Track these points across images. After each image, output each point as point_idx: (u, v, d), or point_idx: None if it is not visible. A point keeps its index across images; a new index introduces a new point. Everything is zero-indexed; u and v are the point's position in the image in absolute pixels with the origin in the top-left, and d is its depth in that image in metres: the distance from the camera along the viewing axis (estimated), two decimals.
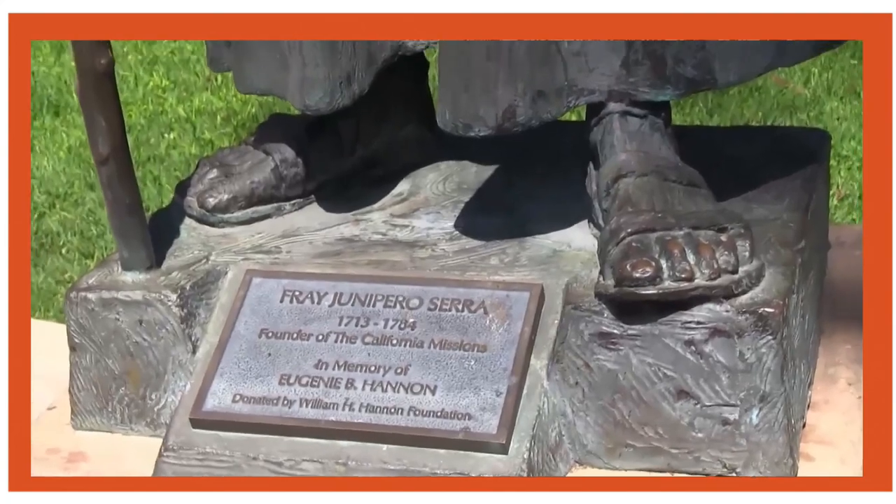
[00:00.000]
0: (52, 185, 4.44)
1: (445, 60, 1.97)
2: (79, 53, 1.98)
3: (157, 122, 4.82)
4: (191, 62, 5.22)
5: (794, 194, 2.12)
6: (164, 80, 5.18)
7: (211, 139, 4.66)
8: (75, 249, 4.07)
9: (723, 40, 1.95)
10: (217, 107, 4.84)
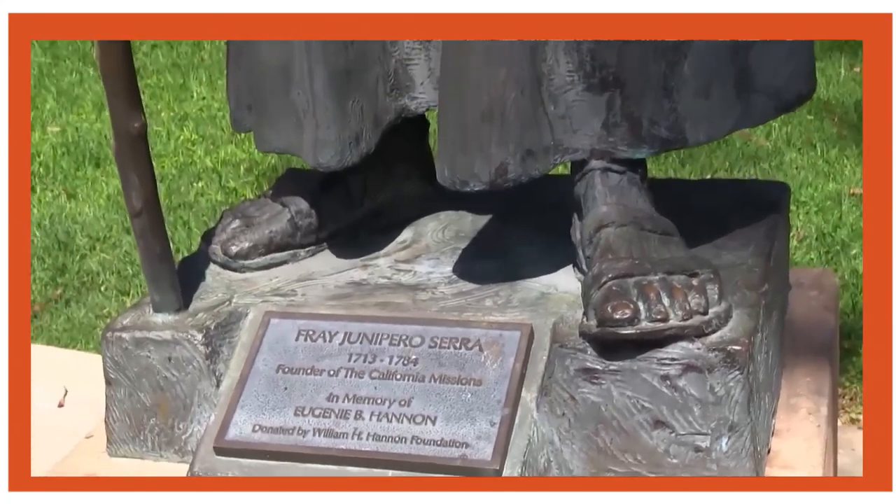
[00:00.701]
0: (93, 229, 4.44)
1: (444, 122, 1.97)
2: (115, 117, 1.97)
3: (187, 172, 4.82)
4: (217, 118, 5.23)
5: (757, 242, 2.11)
6: (193, 134, 5.19)
7: (235, 187, 4.67)
8: (113, 287, 4.07)
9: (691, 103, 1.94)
10: (240, 158, 4.84)
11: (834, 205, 4.29)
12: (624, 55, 1.90)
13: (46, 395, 3.46)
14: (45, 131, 5.34)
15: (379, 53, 2.05)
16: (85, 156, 5.04)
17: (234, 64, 2.22)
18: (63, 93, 5.75)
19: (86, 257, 4.28)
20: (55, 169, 4.97)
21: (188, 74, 5.86)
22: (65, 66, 6.06)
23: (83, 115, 5.44)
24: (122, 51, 1.95)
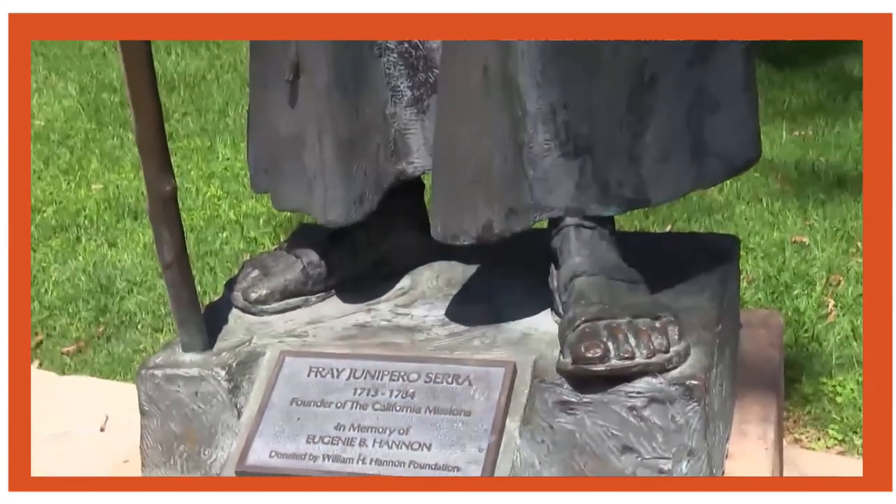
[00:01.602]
0: (131, 274, 4.43)
1: (437, 184, 1.97)
2: (148, 181, 1.96)
3: (213, 224, 4.82)
4: (240, 176, 5.23)
5: (712, 288, 2.11)
6: (219, 190, 5.18)
7: (255, 237, 4.66)
8: (148, 326, 4.06)
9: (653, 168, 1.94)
10: (260, 212, 4.84)
11: (778, 251, 4.29)
12: (594, 126, 1.90)
13: (90, 420, 3.45)
14: (89, 188, 5.34)
15: (380, 124, 2.05)
16: (124, 210, 5.04)
17: (253, 133, 2.22)
18: (106, 155, 5.75)
19: (124, 299, 4.27)
20: (98, 221, 4.97)
21: (214, 138, 5.86)
22: (108, 132, 6.06)
23: (123, 174, 5.44)
24: (156, 122, 1.94)
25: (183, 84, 6.77)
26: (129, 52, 1.88)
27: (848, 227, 4.47)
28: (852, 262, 4.20)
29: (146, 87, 1.91)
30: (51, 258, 4.66)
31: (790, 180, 4.93)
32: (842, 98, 5.98)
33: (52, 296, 4.34)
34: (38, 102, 6.65)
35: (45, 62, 7.47)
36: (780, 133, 5.45)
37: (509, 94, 1.88)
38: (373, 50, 2.02)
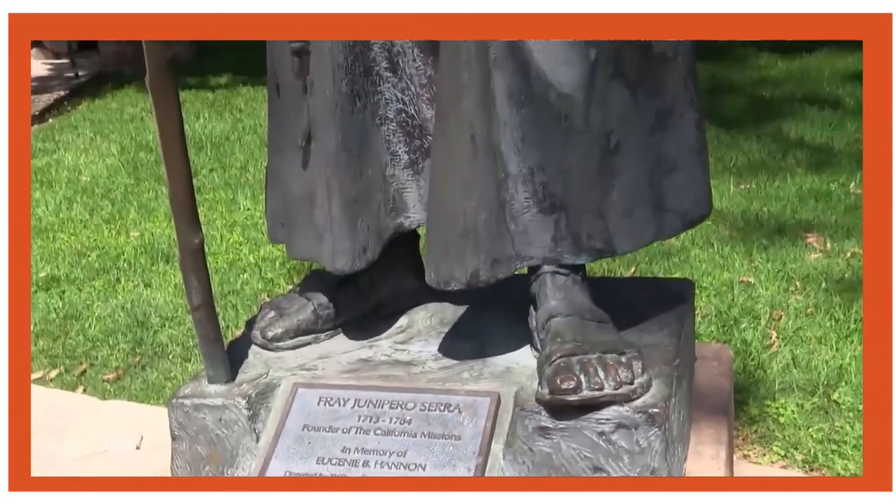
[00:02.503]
0: (163, 311, 4.41)
1: (431, 236, 1.97)
2: (179, 234, 1.95)
3: (235, 267, 4.80)
4: (258, 225, 5.21)
5: (670, 326, 2.11)
6: (240, 237, 5.17)
7: (272, 278, 4.64)
8: (178, 356, 4.03)
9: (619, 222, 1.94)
10: (276, 256, 4.82)
11: (728, 290, 4.29)
12: (568, 186, 1.90)
13: (126, 439, 3.42)
14: (128, 235, 5.33)
15: (381, 184, 2.05)
16: (158, 254, 5.03)
17: (270, 191, 2.22)
18: (142, 206, 5.74)
19: (157, 333, 4.24)
20: (135, 264, 4.95)
21: (236, 191, 5.86)
22: (144, 186, 6.06)
23: (157, 223, 5.43)
24: (186, 183, 1.93)
25: (209, 144, 6.78)
26: (163, 120, 1.88)
27: (787, 269, 4.47)
28: (791, 299, 4.20)
29: (178, 153, 1.90)
30: (94, 297, 4.64)
31: (737, 228, 4.93)
32: (780, 156, 6.01)
33: (94, 329, 4.32)
34: (84, 161, 6.65)
35: (92, 126, 7.48)
36: (728, 187, 5.46)
37: (493, 159, 1.88)
38: (374, 119, 2.03)
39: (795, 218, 5.06)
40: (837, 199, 5.32)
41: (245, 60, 8.58)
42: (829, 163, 5.87)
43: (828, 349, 3.80)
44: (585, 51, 1.85)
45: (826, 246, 4.72)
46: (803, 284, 4.32)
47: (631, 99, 1.93)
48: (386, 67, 2.01)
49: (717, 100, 6.98)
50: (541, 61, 1.84)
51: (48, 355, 4.14)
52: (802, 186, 5.49)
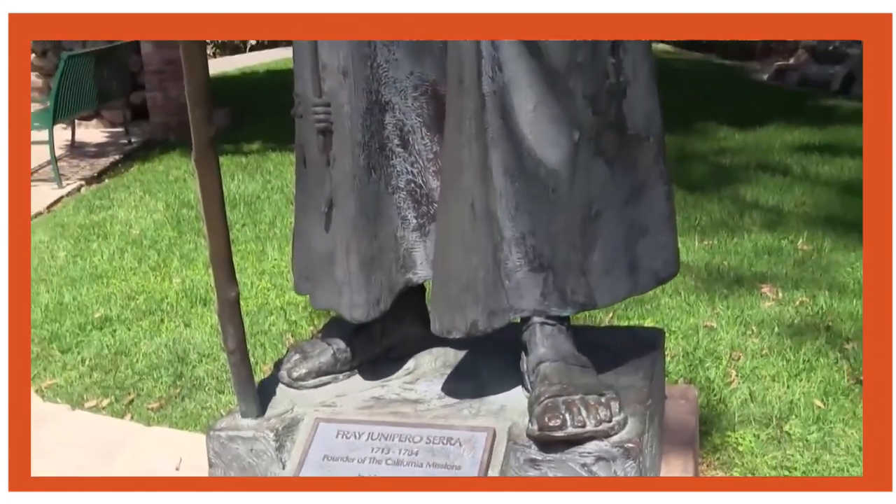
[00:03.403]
0: (201, 348, 4.40)
1: (435, 290, 1.97)
2: (217, 288, 1.95)
3: (264, 310, 4.79)
4: (284, 273, 5.21)
5: (644, 369, 2.11)
6: (268, 283, 5.17)
7: (296, 320, 4.64)
8: (213, 388, 4.02)
9: (599, 280, 1.94)
10: (300, 300, 4.81)
11: (693, 333, 4.28)
12: (554, 249, 1.91)
13: (168, 461, 3.41)
14: (171, 282, 5.33)
15: (392, 244, 2.05)
16: (197, 298, 5.03)
17: (296, 248, 2.22)
18: (184, 256, 5.75)
19: (196, 367, 4.23)
20: (177, 307, 4.95)
21: (265, 243, 5.87)
22: (186, 238, 6.07)
23: (196, 271, 5.43)
24: (224, 243, 1.94)
25: (242, 202, 6.79)
26: (206, 190, 1.89)
27: (745, 315, 4.47)
28: (749, 341, 4.19)
29: (218, 218, 1.91)
30: (141, 335, 4.63)
31: (701, 279, 4.93)
32: (738, 217, 6.01)
33: (141, 364, 4.31)
34: (134, 216, 6.66)
35: (141, 185, 7.50)
36: (693, 243, 5.46)
37: (490, 225, 1.89)
38: (387, 189, 2.03)
39: (751, 270, 5.06)
40: (787, 254, 5.33)
41: (274, 129, 8.61)
42: (780, 222, 5.88)
43: (780, 386, 3.79)
44: (570, 132, 1.87)
45: (778, 295, 4.72)
46: (759, 329, 4.31)
47: (609, 174, 1.94)
48: (398, 144, 2.02)
49: (683, 167, 7.00)
50: (531, 141, 1.86)
51: (101, 386, 4.13)
52: (757, 243, 5.49)
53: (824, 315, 4.46)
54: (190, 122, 1.83)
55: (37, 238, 6.32)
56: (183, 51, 1.76)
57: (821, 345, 4.13)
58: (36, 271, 5.65)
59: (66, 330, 4.75)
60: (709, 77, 11.69)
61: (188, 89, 1.78)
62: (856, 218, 5.90)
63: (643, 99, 1.97)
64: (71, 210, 7.01)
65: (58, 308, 5.04)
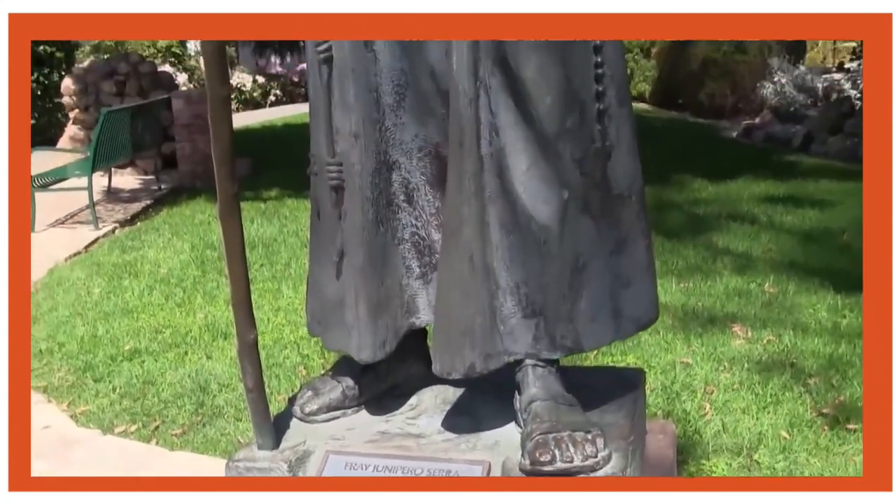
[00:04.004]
0: (221, 379, 4.39)
1: (437, 334, 1.96)
2: (238, 331, 1.94)
3: (279, 343, 4.78)
4: (298, 310, 5.19)
5: (626, 407, 2.08)
6: (283, 319, 5.15)
7: (308, 353, 4.62)
8: (232, 416, 4.00)
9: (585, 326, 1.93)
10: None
11: (671, 368, 4.26)
12: (545, 297, 1.90)
13: None
14: (195, 317, 5.31)
15: (398, 291, 2.04)
16: (218, 332, 5.01)
17: (310, 295, 2.20)
18: (207, 293, 5.74)
19: (216, 396, 4.21)
20: (200, 341, 4.94)
21: (281, 283, 5.86)
22: (209, 277, 6.07)
23: (218, 307, 5.41)
24: (244, 289, 1.93)
25: (261, 244, 6.79)
26: (229, 241, 1.88)
27: (718, 353, 4.45)
28: (721, 376, 4.17)
29: (239, 266, 1.90)
30: (167, 366, 4.61)
31: (678, 318, 4.92)
32: (711, 262, 6.02)
33: (166, 393, 4.29)
34: (163, 256, 6.66)
35: (170, 228, 7.50)
36: (671, 285, 5.46)
37: (487, 275, 1.88)
38: (393, 241, 2.02)
39: (723, 311, 5.06)
40: (755, 296, 5.32)
41: (291, 178, 8.62)
42: (749, 267, 5.88)
43: (750, 418, 3.77)
44: (560, 191, 1.87)
45: (748, 334, 4.71)
46: (730, 365, 4.30)
47: (595, 229, 1.94)
48: (403, 200, 2.02)
49: (661, 215, 7.01)
50: (525, 199, 1.85)
51: (129, 413, 4.10)
52: (728, 286, 5.49)
53: (789, 353, 4.45)
54: (215, 179, 1.82)
55: (74, 275, 6.31)
56: (211, 116, 1.75)
57: (786, 380, 4.12)
58: (73, 306, 5.64)
59: (99, 360, 4.73)
60: (684, 134, 11.74)
61: (214, 151, 1.78)
62: (816, 264, 5.91)
63: (626, 161, 1.97)
64: (106, 250, 7.00)
65: (92, 340, 5.02)
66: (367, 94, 1.93)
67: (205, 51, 1.72)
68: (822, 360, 4.34)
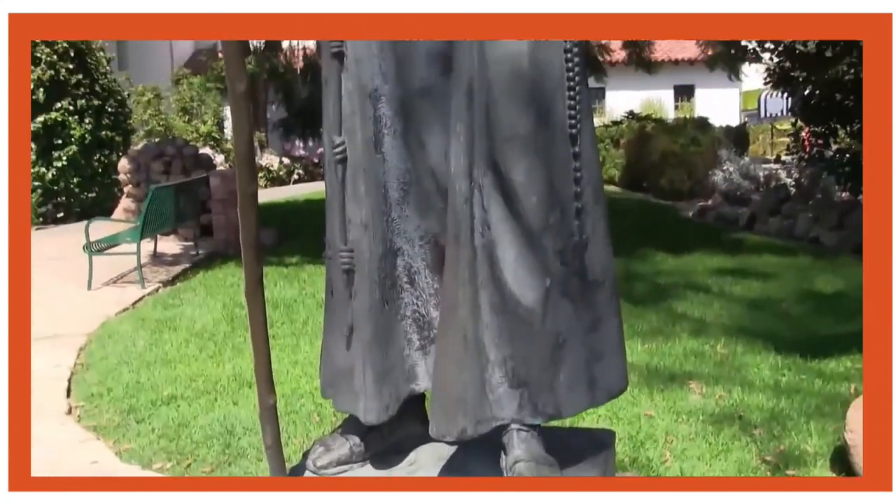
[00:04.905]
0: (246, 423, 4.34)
1: (434, 400, 1.92)
2: (259, 397, 1.89)
3: (296, 393, 4.71)
4: (314, 363, 5.08)
5: (598, 466, 2.03)
6: (300, 372, 5.09)
7: (321, 402, 4.52)
8: (254, 457, 3.93)
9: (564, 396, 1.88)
10: None
11: (636, 420, 4.20)
12: (529, 370, 1.86)
13: None
14: (224, 367, 5.24)
15: (400, 362, 2.00)
16: (244, 382, 4.94)
17: (323, 363, 2.16)
18: (235, 347, 5.67)
19: (241, 439, 4.13)
20: (228, 388, 4.87)
21: (299, 339, 5.80)
22: (237, 333, 6.01)
23: (245, 359, 5.34)
24: (266, 358, 1.88)
25: (282, 304, 6.73)
26: (253, 318, 1.84)
27: (677, 406, 4.39)
28: (680, 427, 4.10)
29: (262, 341, 1.86)
30: (199, 410, 4.54)
31: (643, 376, 4.86)
32: (671, 326, 5.97)
33: (197, 435, 4.20)
34: (198, 313, 6.59)
35: (205, 289, 7.44)
36: (636, 346, 5.40)
37: (478, 350, 1.84)
38: (397, 317, 1.99)
39: (682, 369, 5.00)
40: (709, 356, 5.27)
41: (310, 247, 8.59)
42: (703, 331, 5.83)
43: (704, 465, 3.70)
44: (543, 279, 1.84)
45: (702, 390, 4.65)
46: (688, 417, 4.24)
47: (573, 311, 1.90)
48: (406, 281, 1.99)
49: (628, 284, 6.98)
50: (513, 285, 1.83)
51: (166, 452, 4.03)
52: (686, 347, 5.44)
53: (738, 406, 4.39)
54: (243, 263, 1.79)
55: (122, 328, 6.26)
56: (240, 208, 1.73)
57: (735, 431, 4.06)
58: (120, 356, 5.58)
59: (141, 404, 4.66)
60: (648, 213, 11.75)
61: (243, 238, 1.75)
62: (760, 328, 5.87)
63: (600, 252, 1.95)
64: (150, 307, 6.94)
65: (136, 386, 4.96)
66: (376, 190, 1.91)
67: (237, 153, 1.71)
68: (766, 413, 4.28)
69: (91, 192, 11.77)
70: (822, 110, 9.34)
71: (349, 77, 1.89)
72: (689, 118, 15.93)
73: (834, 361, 5.06)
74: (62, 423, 4.43)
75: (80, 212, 11.52)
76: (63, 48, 11.48)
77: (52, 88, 11.29)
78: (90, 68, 11.93)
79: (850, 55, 8.69)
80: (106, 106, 12.03)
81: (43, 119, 11.27)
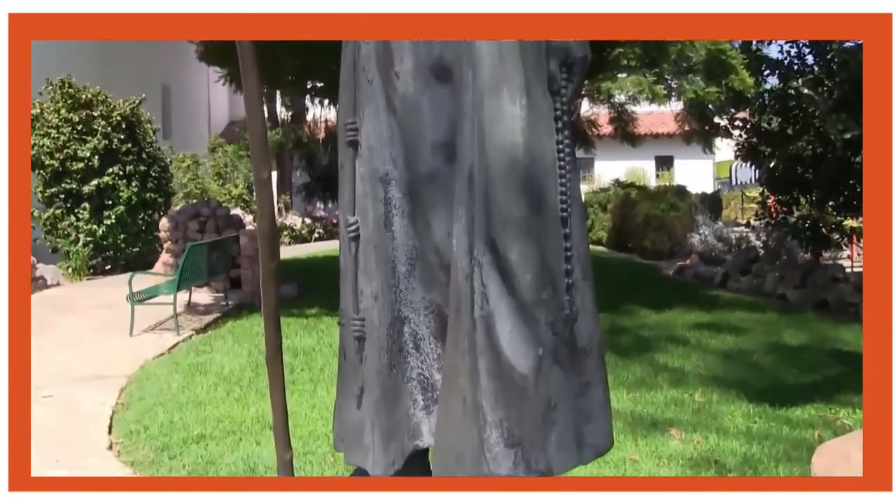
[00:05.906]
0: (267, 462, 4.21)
1: (435, 458, 1.87)
2: (277, 451, 1.85)
3: (313, 435, 4.63)
4: (330, 407, 5.03)
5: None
6: (318, 415, 5.01)
7: None
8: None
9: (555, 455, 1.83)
10: None
11: (622, 463, 4.10)
12: (523, 431, 1.81)
13: None
14: (249, 409, 5.17)
15: (406, 420, 1.96)
16: (266, 424, 4.84)
17: (336, 419, 2.11)
18: (258, 391, 5.60)
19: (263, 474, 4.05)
20: (252, 429, 4.80)
21: (317, 384, 5.74)
22: (261, 378, 5.92)
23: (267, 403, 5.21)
24: (284, 418, 1.85)
25: (302, 352, 6.67)
26: (273, 386, 1.81)
27: (659, 451, 4.30)
28: (662, 471, 4.01)
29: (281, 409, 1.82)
30: (225, 449, 4.46)
31: (627, 423, 4.78)
32: (654, 376, 5.90)
33: (223, 472, 4.12)
34: (227, 360, 6.53)
35: (233, 337, 7.39)
36: (621, 395, 5.32)
37: (476, 412, 1.80)
38: (403, 379, 1.96)
39: (663, 417, 4.92)
40: (687, 404, 5.19)
41: (328, 299, 8.53)
42: (683, 381, 5.76)
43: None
44: (536, 348, 1.81)
45: (682, 436, 4.57)
46: (669, 461, 4.15)
47: (563, 377, 1.87)
48: (412, 347, 1.96)
49: (614, 338, 6.91)
50: (508, 354, 1.80)
51: None
52: (667, 396, 5.36)
53: (714, 451, 4.31)
54: (264, 331, 1.76)
55: (159, 371, 6.21)
56: (262, 284, 1.71)
57: (712, 474, 3.96)
58: (156, 397, 5.52)
59: (174, 442, 4.59)
60: (632, 271, 11.71)
61: (264, 310, 1.73)
62: (733, 378, 5.79)
63: (588, 322, 1.92)
64: (184, 352, 6.89)
65: (169, 425, 4.89)
66: (385, 264, 1.90)
67: (260, 231, 1.70)
68: (739, 457, 4.21)
69: (135, 247, 11.82)
70: (786, 181, 9.36)
71: (362, 163, 1.89)
72: (668, 186, 15.99)
73: (799, 409, 4.99)
74: (104, 459, 4.37)
75: (125, 264, 11.55)
76: (116, 121, 11.62)
77: (105, 156, 11.42)
78: (138, 138, 12.05)
79: (807, 133, 8.73)
80: (151, 171, 12.14)
81: (97, 182, 11.37)
